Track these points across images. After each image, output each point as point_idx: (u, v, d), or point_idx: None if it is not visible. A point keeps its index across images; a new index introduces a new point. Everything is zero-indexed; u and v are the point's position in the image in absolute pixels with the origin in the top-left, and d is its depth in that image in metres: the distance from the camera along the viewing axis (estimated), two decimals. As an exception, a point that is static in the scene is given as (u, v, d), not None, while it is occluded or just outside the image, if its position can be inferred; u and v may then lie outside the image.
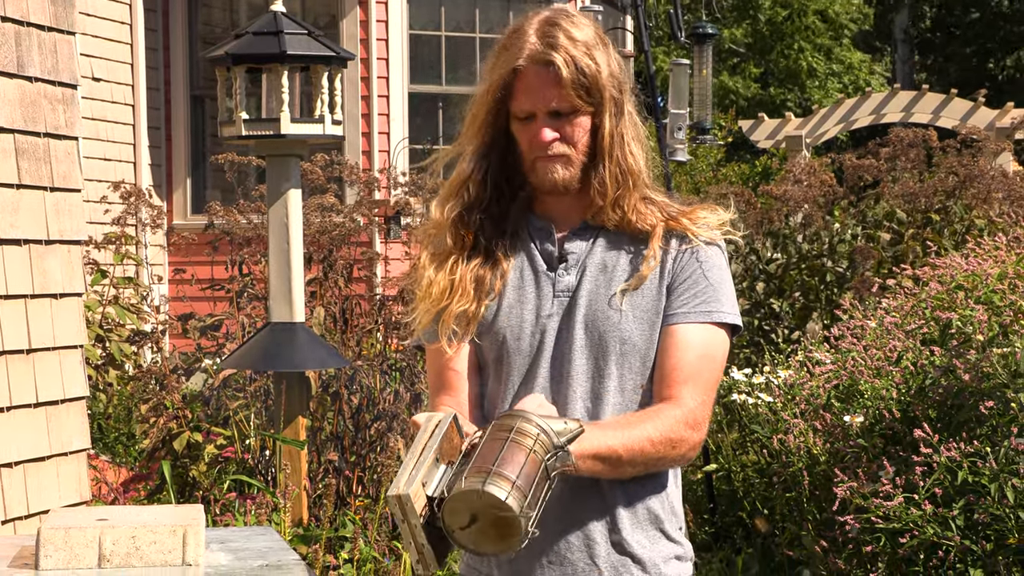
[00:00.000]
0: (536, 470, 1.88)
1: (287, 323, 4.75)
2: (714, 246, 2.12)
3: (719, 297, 2.10)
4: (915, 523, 3.39)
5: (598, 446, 1.97)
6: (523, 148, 2.11)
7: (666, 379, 2.07)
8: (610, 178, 2.09)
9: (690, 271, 2.10)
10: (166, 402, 5.03)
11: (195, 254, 7.19)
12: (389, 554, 4.56)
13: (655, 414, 2.04)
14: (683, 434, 2.03)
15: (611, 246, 2.14)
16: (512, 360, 2.12)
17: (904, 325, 4.02)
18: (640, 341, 2.09)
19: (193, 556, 2.27)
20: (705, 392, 2.07)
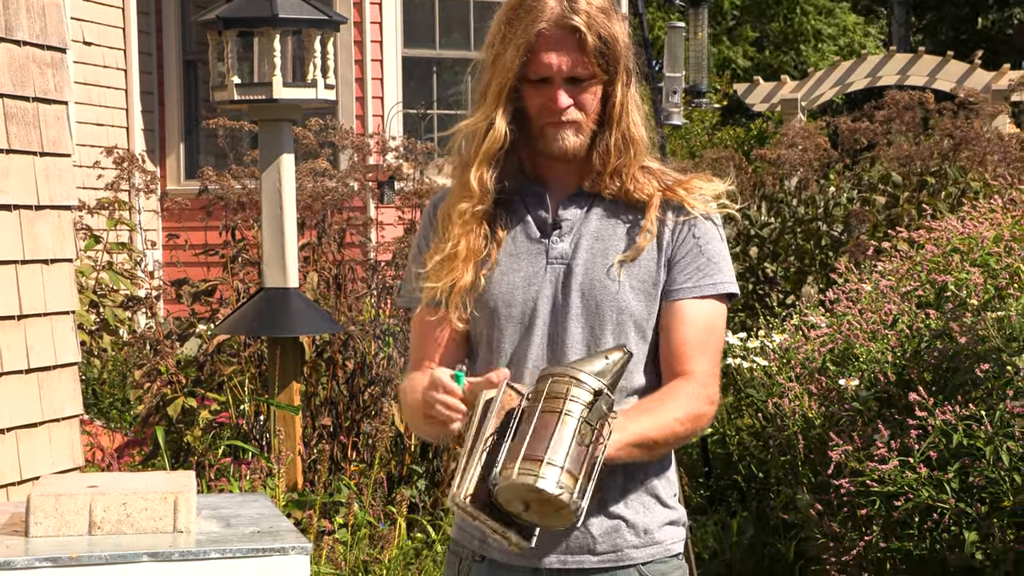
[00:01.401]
0: (586, 441, 1.85)
1: (281, 288, 4.74)
2: (710, 219, 2.11)
3: (718, 269, 2.10)
4: (910, 486, 3.39)
5: (635, 435, 1.98)
6: (532, 112, 2.08)
7: (677, 355, 2.07)
8: (614, 146, 2.08)
9: (689, 246, 2.09)
10: (160, 367, 5.02)
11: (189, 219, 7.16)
12: (384, 519, 4.56)
13: (678, 393, 2.04)
14: (704, 409, 2.06)
15: (607, 215, 2.12)
16: (504, 328, 2.10)
17: (899, 288, 4.01)
18: (638, 311, 2.08)
19: (184, 523, 2.26)
20: (715, 364, 2.10)
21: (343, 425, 5.18)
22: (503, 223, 2.12)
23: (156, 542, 2.20)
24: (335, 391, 5.26)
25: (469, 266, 2.09)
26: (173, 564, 2.15)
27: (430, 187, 6.37)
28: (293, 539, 2.28)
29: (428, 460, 5.08)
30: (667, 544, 2.11)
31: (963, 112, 7.36)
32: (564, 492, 1.82)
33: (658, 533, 2.09)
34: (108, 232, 6.58)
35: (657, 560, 2.09)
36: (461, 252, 2.09)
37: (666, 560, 2.10)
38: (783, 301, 6.48)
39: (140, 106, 9.25)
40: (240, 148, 7.34)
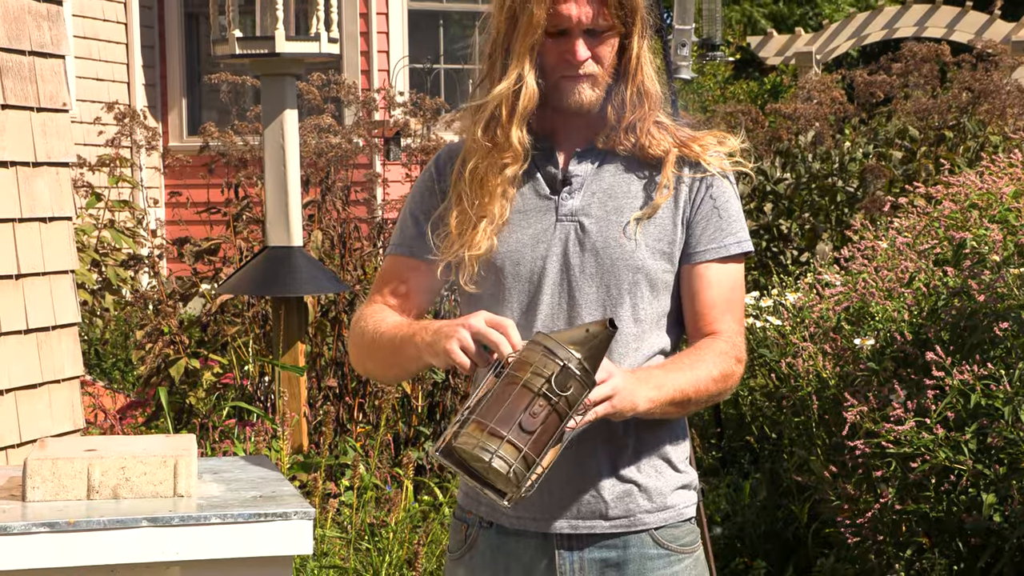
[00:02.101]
0: (540, 413, 1.84)
1: (285, 247, 4.73)
2: (725, 177, 2.10)
3: (735, 229, 2.10)
4: (926, 447, 3.38)
5: (674, 392, 1.98)
6: (548, 65, 2.06)
7: (705, 317, 2.07)
8: (629, 100, 2.06)
9: (707, 206, 2.08)
10: (163, 328, 5.02)
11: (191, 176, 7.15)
12: (391, 481, 4.56)
13: (711, 351, 2.04)
14: (734, 368, 2.06)
15: (620, 171, 2.09)
16: (510, 288, 2.07)
17: (916, 245, 3.98)
18: (653, 270, 2.06)
19: (184, 487, 2.24)
20: (741, 323, 2.11)
21: (349, 386, 5.18)
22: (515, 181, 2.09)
23: (156, 507, 2.19)
24: (340, 351, 5.26)
25: (491, 228, 2.06)
26: (173, 529, 2.13)
27: (437, 143, 6.34)
28: (296, 504, 2.26)
29: (436, 421, 5.08)
30: (679, 508, 2.10)
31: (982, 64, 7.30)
32: (499, 462, 1.82)
33: (670, 497, 2.08)
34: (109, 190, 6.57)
35: (670, 524, 2.08)
36: (493, 215, 2.06)
37: (678, 524, 2.09)
38: (797, 259, 6.45)
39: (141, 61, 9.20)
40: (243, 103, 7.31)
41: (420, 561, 3.83)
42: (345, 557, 3.97)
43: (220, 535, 2.16)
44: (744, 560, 4.31)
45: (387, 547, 3.99)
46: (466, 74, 10.18)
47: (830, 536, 4.03)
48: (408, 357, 2.05)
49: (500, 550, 2.10)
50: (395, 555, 3.98)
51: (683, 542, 2.10)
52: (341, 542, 4.04)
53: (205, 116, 9.13)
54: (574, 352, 1.86)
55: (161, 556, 2.13)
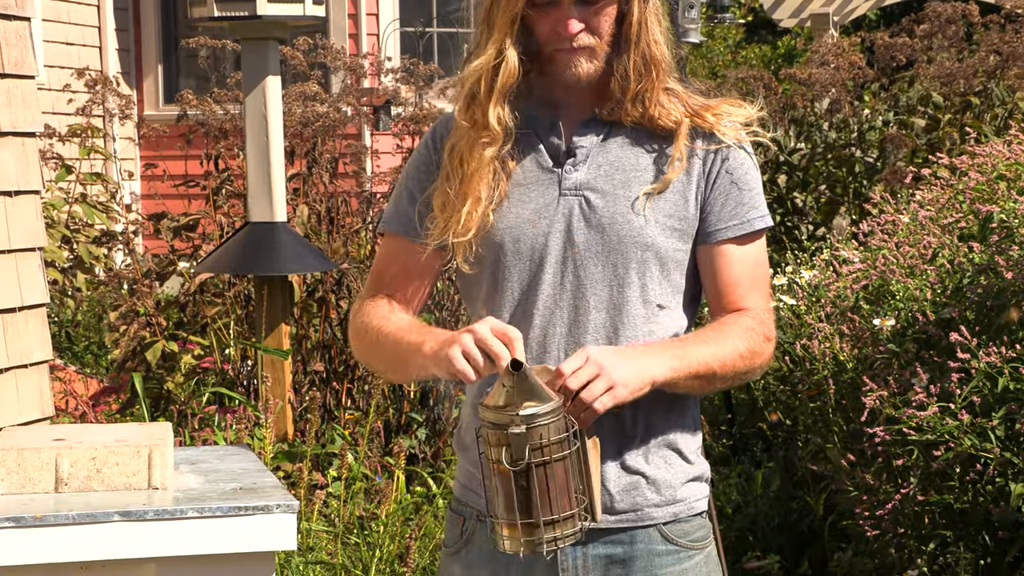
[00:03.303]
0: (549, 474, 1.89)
1: (268, 223, 4.72)
2: (742, 148, 2.08)
3: (755, 203, 2.09)
4: (951, 434, 3.37)
5: (698, 364, 1.98)
6: (541, 38, 2.04)
7: (729, 297, 2.07)
8: (633, 70, 2.03)
9: (725, 181, 2.07)
10: (138, 309, 5.01)
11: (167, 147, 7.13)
12: (381, 471, 4.55)
13: (737, 326, 2.04)
14: (763, 346, 2.06)
15: (628, 143, 2.07)
16: (509, 267, 2.06)
17: (940, 219, 3.97)
18: (664, 248, 2.04)
19: (160, 479, 2.24)
20: (768, 300, 2.11)
21: (336, 371, 5.18)
22: (512, 152, 2.07)
23: (128, 500, 2.18)
24: (328, 334, 5.26)
25: (480, 210, 2.05)
26: (147, 524, 2.13)
27: (430, 112, 6.32)
28: (279, 496, 2.25)
29: (428, 408, 5.07)
30: (690, 502, 2.08)
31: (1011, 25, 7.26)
32: (565, 537, 1.91)
33: (680, 490, 2.07)
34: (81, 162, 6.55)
35: (679, 519, 2.07)
36: (477, 197, 2.05)
37: (688, 519, 2.08)
38: (813, 234, 6.45)
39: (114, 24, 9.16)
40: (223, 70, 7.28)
41: (412, 556, 3.83)
42: (332, 552, 3.97)
43: (198, 530, 2.16)
44: (756, 554, 4.31)
45: (377, 541, 3.99)
46: (460, 39, 10.15)
47: (848, 529, 4.03)
48: (414, 367, 2.05)
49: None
50: (386, 549, 3.98)
51: (693, 537, 2.09)
52: (328, 536, 4.03)
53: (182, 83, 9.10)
54: (508, 413, 1.87)
55: (135, 553, 2.13)
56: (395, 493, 4.16)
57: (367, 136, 8.33)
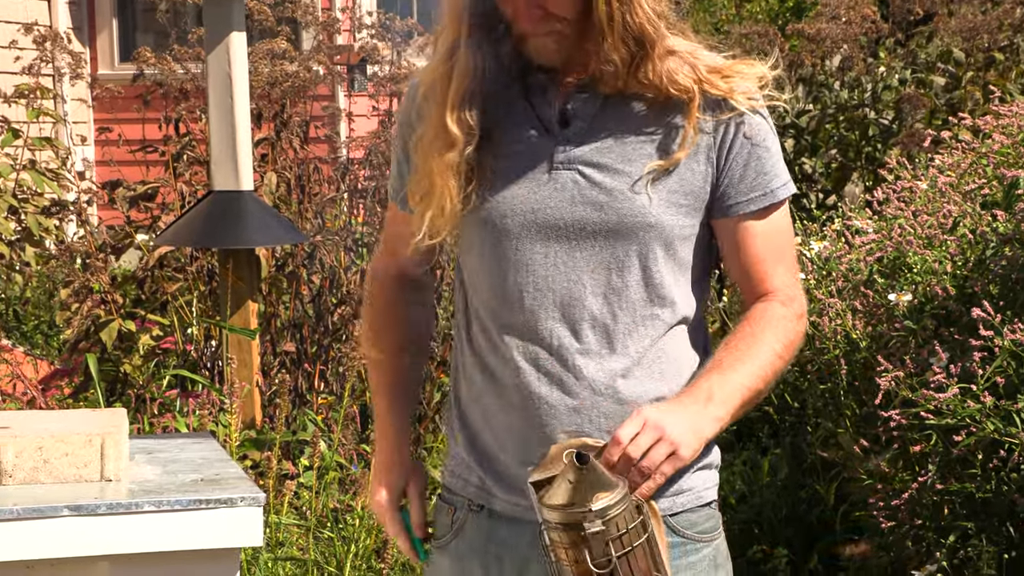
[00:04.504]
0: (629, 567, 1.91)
1: (233, 191, 4.70)
2: (758, 113, 2.06)
3: (776, 171, 2.08)
4: (972, 418, 3.36)
5: (741, 398, 2.01)
6: (508, 16, 2.01)
7: (755, 274, 2.07)
8: (616, 52, 1.98)
9: (743, 151, 2.04)
10: (92, 285, 5.00)
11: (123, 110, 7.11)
12: (357, 460, 4.55)
13: (767, 323, 2.05)
14: (796, 332, 2.08)
15: (631, 111, 2.04)
16: (496, 246, 2.05)
17: (961, 186, 3.96)
18: (670, 226, 2.03)
19: (113, 470, 2.23)
20: (794, 270, 2.12)
21: (308, 351, 5.18)
22: (499, 118, 2.05)
23: (79, 493, 2.17)
24: (299, 312, 5.26)
25: (448, 210, 2.04)
26: (99, 519, 2.12)
27: (408, 71, 6.29)
28: (243, 488, 2.25)
29: (408, 391, 5.06)
30: (698, 491, 2.08)
31: (1037, -24, 7.25)
32: None
33: (687, 479, 2.06)
34: (28, 125, 6.50)
35: (687, 510, 2.06)
36: (441, 202, 2.04)
37: (696, 509, 2.08)
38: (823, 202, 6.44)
39: (65, -25, 9.11)
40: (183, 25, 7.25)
41: (390, 551, 3.83)
42: (304, 547, 3.97)
43: (154, 525, 2.16)
44: (762, 548, 4.32)
45: (352, 535, 3.99)
46: (442, -9, 10.08)
47: (860, 520, 4.04)
48: None
49: (492, 537, 2.09)
50: (362, 544, 3.98)
51: (701, 529, 2.08)
52: (299, 530, 4.03)
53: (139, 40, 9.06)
54: (579, 511, 1.87)
55: (86, 550, 2.12)
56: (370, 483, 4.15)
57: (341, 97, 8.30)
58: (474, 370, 2.08)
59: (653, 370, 2.04)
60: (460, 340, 2.12)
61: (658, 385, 2.03)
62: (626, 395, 2.02)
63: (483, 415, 2.07)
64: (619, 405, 2.01)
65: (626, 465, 1.93)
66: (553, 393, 2.02)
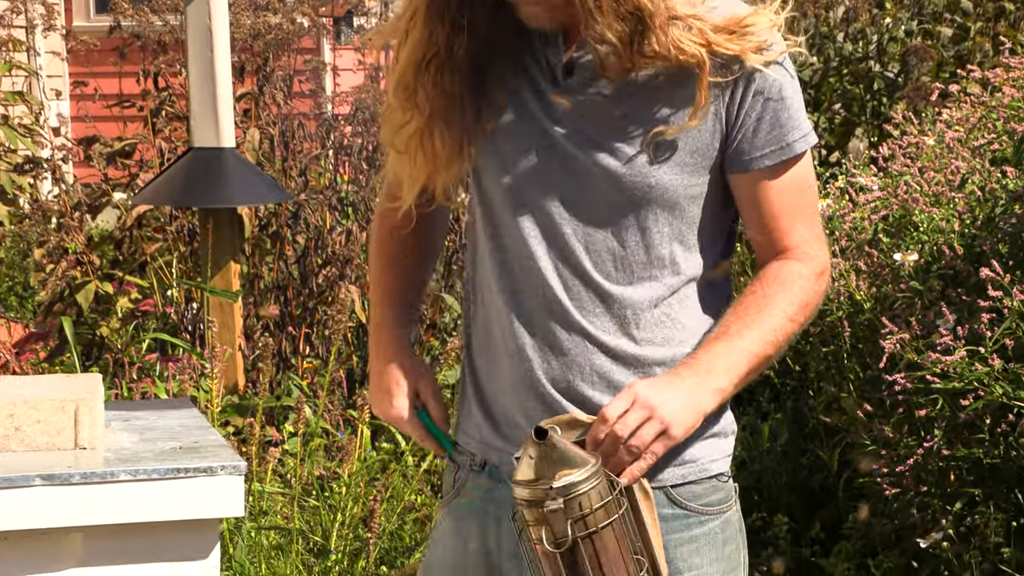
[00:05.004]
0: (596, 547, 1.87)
1: (214, 148, 4.69)
2: (773, 64, 2.02)
3: (794, 123, 2.04)
4: (980, 381, 3.35)
5: (748, 365, 1.98)
6: None
7: (773, 230, 2.04)
8: (611, 31, 1.94)
9: (756, 104, 2.01)
10: (67, 245, 4.99)
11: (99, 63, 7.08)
12: (343, 426, 4.55)
13: (784, 281, 2.02)
14: (813, 291, 2.05)
15: (638, 75, 1.99)
16: (493, 202, 2.04)
17: (969, 141, 3.94)
18: (674, 187, 2.00)
19: (87, 438, 2.22)
20: (817, 226, 2.08)
21: (293, 314, 5.18)
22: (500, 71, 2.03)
23: (52, 462, 2.16)
24: (283, 273, 5.26)
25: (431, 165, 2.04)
26: (73, 488, 2.11)
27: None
28: (224, 456, 2.24)
29: (396, 354, 5.06)
30: (703, 463, 2.05)
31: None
32: None
33: (692, 449, 2.04)
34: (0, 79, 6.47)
35: (690, 481, 2.04)
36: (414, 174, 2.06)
37: (701, 481, 2.05)
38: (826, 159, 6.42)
39: (38, -78, 9.03)
40: (162, -26, 7.19)
41: (377, 519, 3.82)
42: (288, 516, 3.96)
43: (131, 495, 2.14)
44: (762, 515, 4.32)
45: (339, 503, 3.99)
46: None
47: (864, 487, 4.03)
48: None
49: (490, 498, 2.09)
50: (348, 513, 3.98)
51: (706, 501, 2.06)
52: (284, 498, 4.03)
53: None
54: (541, 487, 1.84)
55: (59, 521, 2.11)
56: (358, 450, 4.15)
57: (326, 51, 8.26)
58: (481, 321, 2.10)
59: (655, 334, 2.02)
60: (468, 293, 2.14)
61: (659, 349, 2.02)
62: (624, 355, 2.00)
63: (486, 365, 2.09)
64: (614, 364, 2.00)
65: (613, 444, 1.91)
66: (544, 347, 2.01)
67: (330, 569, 3.87)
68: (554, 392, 2.01)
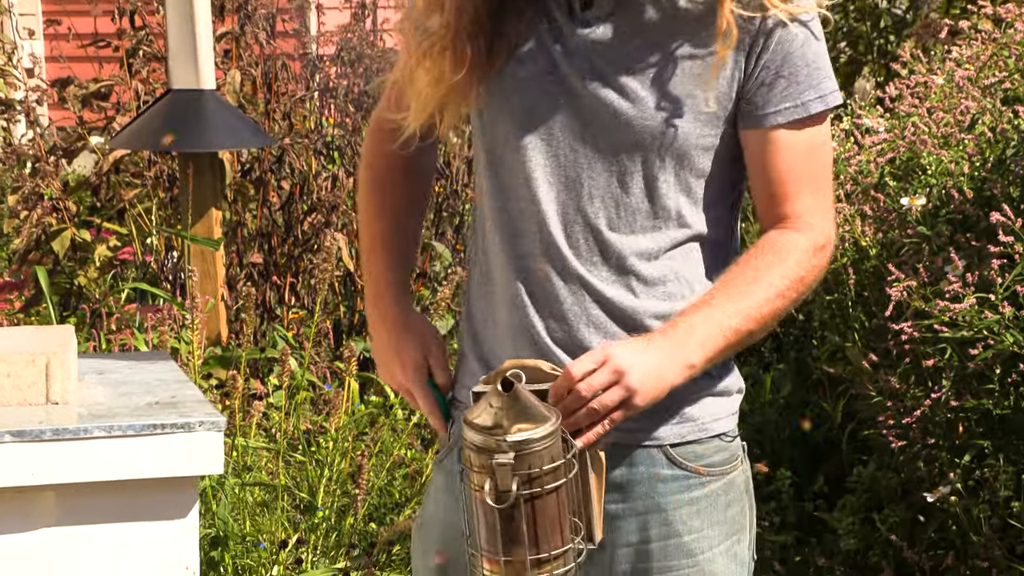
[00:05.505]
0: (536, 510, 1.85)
1: (193, 90, 4.68)
2: (796, 22, 1.99)
3: (813, 80, 2.00)
4: (990, 330, 3.34)
5: (723, 341, 1.94)
6: None
7: (776, 194, 2.01)
8: None
9: (776, 59, 1.98)
10: (42, 191, 4.98)
11: (73, 1, 7.04)
12: (330, 378, 4.54)
13: (780, 253, 1.98)
14: (811, 263, 2.00)
15: (659, 5, 1.98)
16: (500, 138, 2.02)
17: (980, 80, 3.92)
18: (685, 135, 1.98)
19: (59, 392, 2.21)
20: (822, 194, 2.03)
21: (277, 263, 5.18)
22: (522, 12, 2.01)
23: (22, 417, 2.15)
24: (266, 220, 5.24)
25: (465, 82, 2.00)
26: (44, 445, 2.10)
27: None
28: (202, 412, 2.23)
29: (384, 304, 5.06)
30: (704, 422, 2.04)
31: None
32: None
33: (694, 407, 2.02)
34: (-29, 19, 6.44)
35: (691, 440, 2.02)
36: (419, 87, 2.01)
37: (703, 440, 2.03)
38: (831, 99, 6.41)
39: None
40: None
41: (366, 475, 3.82)
42: (274, 472, 3.96)
43: (105, 452, 2.14)
44: (764, 469, 4.33)
45: (326, 459, 3.98)
46: None
47: (869, 440, 4.04)
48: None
49: None
50: (336, 468, 3.97)
51: (708, 461, 2.04)
52: (268, 454, 4.02)
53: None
54: (495, 437, 1.81)
55: (30, 479, 2.11)
56: (346, 404, 4.15)
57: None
58: (480, 267, 2.08)
59: (656, 288, 2.00)
60: (473, 239, 2.12)
61: (660, 304, 2.00)
62: (622, 307, 1.99)
63: (484, 313, 2.07)
64: (611, 316, 1.99)
65: (575, 402, 1.89)
66: (539, 294, 2.00)
67: (317, 526, 3.87)
68: (551, 343, 1.99)
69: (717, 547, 2.04)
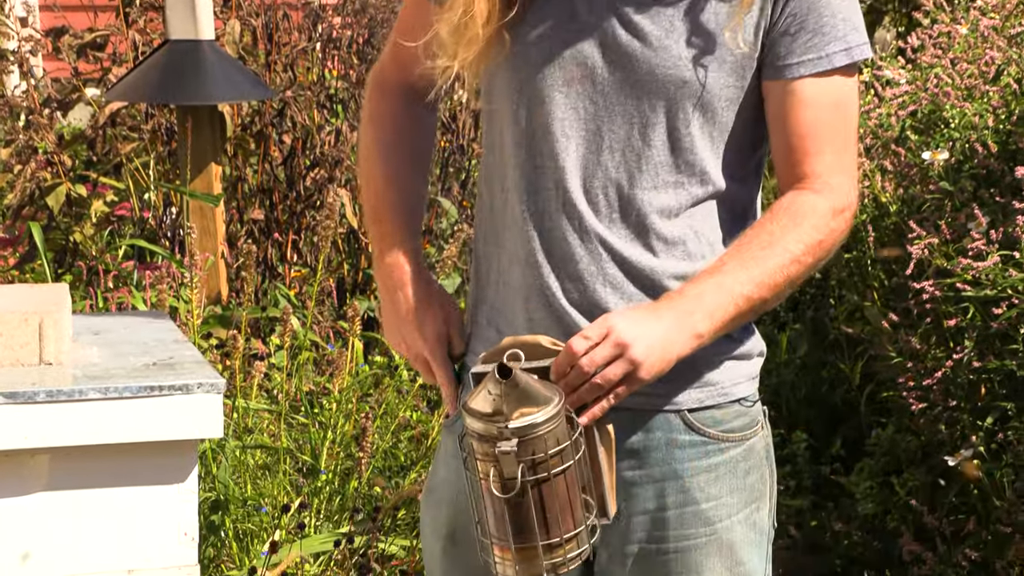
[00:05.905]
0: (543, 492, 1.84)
1: (191, 41, 4.68)
2: None
3: (838, 32, 1.97)
4: (1014, 288, 3.34)
5: (735, 308, 1.91)
6: None
7: (794, 150, 1.98)
8: None
9: (803, 7, 1.96)
10: (36, 144, 4.98)
11: (67, -52, 7.03)
12: (333, 338, 4.54)
13: (796, 216, 1.95)
14: (829, 227, 1.97)
15: None
16: (519, 90, 1.99)
17: (1006, 29, 3.91)
18: (710, 85, 1.96)
19: (53, 353, 2.20)
20: (849, 158, 2.01)
21: (279, 219, 5.18)
22: None
23: (14, 379, 2.15)
24: (268, 176, 5.24)
25: (490, 30, 1.97)
26: (38, 407, 2.10)
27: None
28: (201, 373, 2.22)
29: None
30: (724, 386, 2.02)
31: None
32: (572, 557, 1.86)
33: (713, 372, 2.01)
34: (-38, -33, 6.42)
35: (710, 405, 2.01)
36: (479, 17, 1.97)
37: (723, 406, 2.02)
38: (850, 50, 6.39)
39: None
40: None
41: (370, 438, 3.82)
42: (275, 434, 3.96)
43: (101, 414, 2.13)
44: (780, 432, 4.33)
45: (329, 421, 3.99)
46: None
47: (888, 401, 4.05)
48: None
49: None
50: (339, 431, 3.98)
51: (728, 427, 2.02)
52: (270, 415, 4.03)
53: None
54: (496, 424, 1.80)
55: (23, 442, 2.11)
56: (350, 364, 4.14)
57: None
58: (489, 225, 2.06)
59: (676, 248, 1.98)
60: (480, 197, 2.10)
61: (679, 263, 1.98)
62: (640, 266, 1.97)
63: (494, 274, 2.06)
64: (628, 276, 1.97)
65: (578, 378, 1.87)
66: (557, 253, 1.98)
67: (320, 490, 3.87)
68: (566, 303, 1.98)
69: (736, 515, 2.03)
